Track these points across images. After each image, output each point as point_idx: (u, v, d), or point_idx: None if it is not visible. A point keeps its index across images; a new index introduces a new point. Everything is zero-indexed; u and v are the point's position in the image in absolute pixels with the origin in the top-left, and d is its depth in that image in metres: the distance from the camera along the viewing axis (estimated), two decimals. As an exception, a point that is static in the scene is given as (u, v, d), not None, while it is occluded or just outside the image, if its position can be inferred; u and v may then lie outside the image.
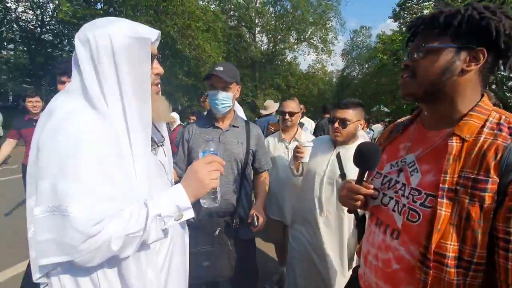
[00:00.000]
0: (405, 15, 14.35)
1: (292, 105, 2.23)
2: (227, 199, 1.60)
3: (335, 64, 42.38)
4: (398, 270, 0.76)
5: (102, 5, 10.56)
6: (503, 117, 0.69)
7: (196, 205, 1.62)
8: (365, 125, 4.76)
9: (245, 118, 2.19)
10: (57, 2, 9.75)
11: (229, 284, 1.70)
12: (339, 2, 19.90)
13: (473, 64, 0.69)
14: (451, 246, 0.64)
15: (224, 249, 1.55)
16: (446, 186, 0.66)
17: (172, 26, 9.47)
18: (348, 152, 1.63)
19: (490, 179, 0.61)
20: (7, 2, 10.30)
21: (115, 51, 0.71)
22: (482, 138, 0.66)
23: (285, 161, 2.18)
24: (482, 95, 0.74)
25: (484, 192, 0.61)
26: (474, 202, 0.62)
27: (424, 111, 0.84)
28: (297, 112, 2.22)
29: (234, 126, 1.68)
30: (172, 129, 4.05)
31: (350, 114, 1.60)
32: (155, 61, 0.84)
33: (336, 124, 1.63)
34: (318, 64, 22.68)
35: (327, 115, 3.88)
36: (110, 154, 0.69)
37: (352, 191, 0.88)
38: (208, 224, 1.55)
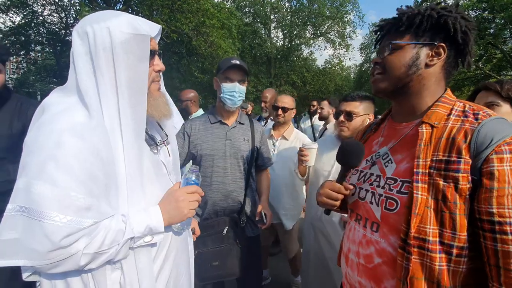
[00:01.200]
0: (428, 6, 13.66)
1: (287, 100, 2.14)
2: (234, 197, 1.60)
3: (353, 59, 41.23)
4: (380, 264, 0.76)
5: (121, 6, 10.87)
6: (467, 105, 0.75)
7: (203, 202, 1.62)
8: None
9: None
10: (78, 7, 10.18)
11: (234, 281, 1.70)
12: (358, -5, 19.21)
13: (436, 58, 0.76)
14: (431, 230, 0.66)
15: (233, 247, 1.55)
16: (420, 170, 0.69)
17: (187, 24, 9.57)
18: None
19: (462, 160, 0.64)
20: (34, 7, 10.87)
21: (114, 47, 0.69)
22: (450, 124, 0.71)
23: None
24: (445, 89, 0.80)
25: (457, 172, 0.64)
26: (448, 183, 0.65)
27: (395, 107, 0.90)
28: (292, 109, 2.14)
29: (240, 123, 1.67)
30: None
31: (357, 106, 1.54)
32: (156, 58, 0.82)
33: (342, 118, 1.57)
34: (335, 59, 22.13)
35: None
36: (96, 157, 0.67)
37: (334, 190, 0.89)
38: (216, 223, 1.55)
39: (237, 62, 1.50)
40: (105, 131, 0.70)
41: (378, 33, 0.86)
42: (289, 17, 20.41)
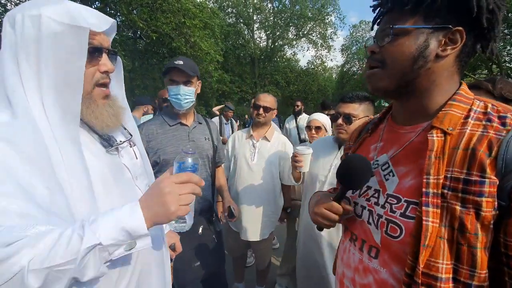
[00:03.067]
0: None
1: (269, 100, 2.04)
2: (204, 196, 1.60)
3: (334, 59, 42.16)
4: None
5: (98, 4, 10.46)
6: (489, 105, 0.59)
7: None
8: None
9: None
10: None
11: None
12: (338, -4, 19.66)
13: (450, 47, 0.59)
14: (444, 266, 0.53)
15: (210, 244, 1.58)
16: (431, 190, 0.54)
17: (167, 24, 9.36)
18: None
19: (486, 180, 0.50)
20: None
21: (42, 39, 0.60)
22: (468, 131, 0.56)
23: (250, 161, 2.01)
24: (460, 84, 0.65)
25: (480, 196, 0.50)
26: (467, 209, 0.51)
27: (396, 107, 0.74)
28: (274, 109, 2.05)
29: (199, 123, 1.65)
30: None
31: (356, 108, 1.44)
32: (104, 56, 0.71)
33: (340, 120, 1.46)
34: (317, 60, 22.52)
35: (326, 112, 3.73)
36: (26, 160, 0.56)
37: (331, 210, 0.74)
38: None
39: (180, 62, 1.44)
40: (37, 131, 0.60)
41: (377, 9, 0.67)
42: (271, 18, 20.55)
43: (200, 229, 1.54)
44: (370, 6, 0.70)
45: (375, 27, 0.71)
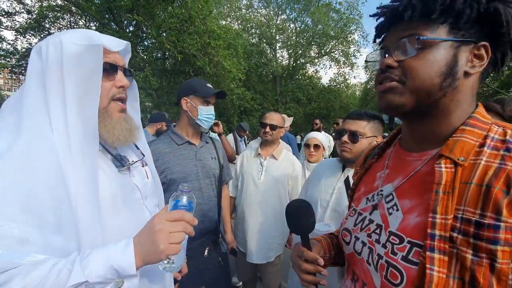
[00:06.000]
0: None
1: (276, 118, 2.06)
2: (211, 217, 1.60)
3: (358, 77, 41.73)
4: None
5: (132, 28, 11.36)
6: (509, 131, 0.51)
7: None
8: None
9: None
10: (93, 29, 10.75)
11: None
12: (361, 16, 19.68)
13: (478, 64, 0.53)
14: None
15: (216, 267, 1.55)
16: (437, 232, 0.46)
17: (193, 45, 9.87)
18: None
19: (502, 224, 0.42)
20: (50, 30, 11.44)
21: (64, 60, 0.67)
22: (483, 162, 0.48)
23: (257, 180, 1.99)
24: (476, 105, 0.57)
25: (495, 244, 0.42)
26: (480, 258, 0.43)
27: (405, 130, 0.66)
28: (280, 127, 2.04)
29: (206, 142, 1.70)
30: None
31: (363, 126, 1.35)
32: (119, 73, 0.77)
33: (345, 138, 1.37)
34: (340, 77, 22.36)
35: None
36: (35, 179, 0.58)
37: (299, 255, 0.70)
38: (196, 247, 1.50)
39: (211, 87, 1.57)
40: (50, 148, 0.62)
41: (384, 17, 0.59)
42: (294, 38, 20.96)
43: (206, 251, 1.51)
44: (375, 13, 0.61)
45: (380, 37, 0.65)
